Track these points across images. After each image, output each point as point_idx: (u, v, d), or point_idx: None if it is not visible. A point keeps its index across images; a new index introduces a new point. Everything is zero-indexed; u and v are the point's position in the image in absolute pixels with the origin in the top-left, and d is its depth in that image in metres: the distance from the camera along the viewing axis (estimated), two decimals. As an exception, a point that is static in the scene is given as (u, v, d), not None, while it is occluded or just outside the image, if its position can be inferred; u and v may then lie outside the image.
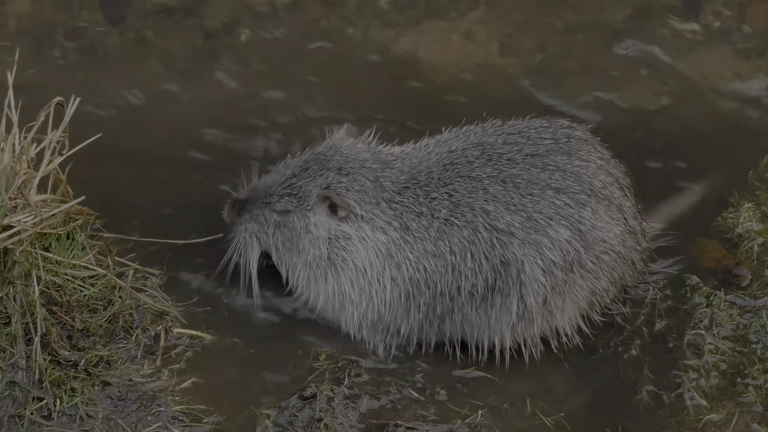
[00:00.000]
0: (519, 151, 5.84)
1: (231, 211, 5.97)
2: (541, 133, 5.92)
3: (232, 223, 5.97)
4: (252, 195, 5.93)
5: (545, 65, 7.07)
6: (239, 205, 5.94)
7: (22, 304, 5.61)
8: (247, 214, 5.92)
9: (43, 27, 7.02)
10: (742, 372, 5.85)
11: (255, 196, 5.92)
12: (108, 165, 6.40)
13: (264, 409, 5.65)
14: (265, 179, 5.97)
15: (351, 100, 6.84)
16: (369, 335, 5.90)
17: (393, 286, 5.82)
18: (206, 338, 5.88)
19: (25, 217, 5.66)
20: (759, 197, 6.43)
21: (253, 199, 5.91)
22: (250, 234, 5.92)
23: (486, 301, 5.78)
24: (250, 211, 5.91)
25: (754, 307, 6.04)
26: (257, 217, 5.91)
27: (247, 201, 5.93)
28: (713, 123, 6.85)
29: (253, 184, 6.00)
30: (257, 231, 5.92)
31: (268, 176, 5.97)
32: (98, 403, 5.59)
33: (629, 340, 5.98)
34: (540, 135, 5.90)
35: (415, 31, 7.18)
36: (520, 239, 5.73)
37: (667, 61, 7.11)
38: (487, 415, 5.71)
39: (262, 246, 5.94)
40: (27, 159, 5.75)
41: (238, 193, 6.01)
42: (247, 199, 5.93)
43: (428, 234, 5.79)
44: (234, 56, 7.01)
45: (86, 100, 5.97)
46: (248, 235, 5.93)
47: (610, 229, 5.84)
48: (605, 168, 5.91)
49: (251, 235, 5.93)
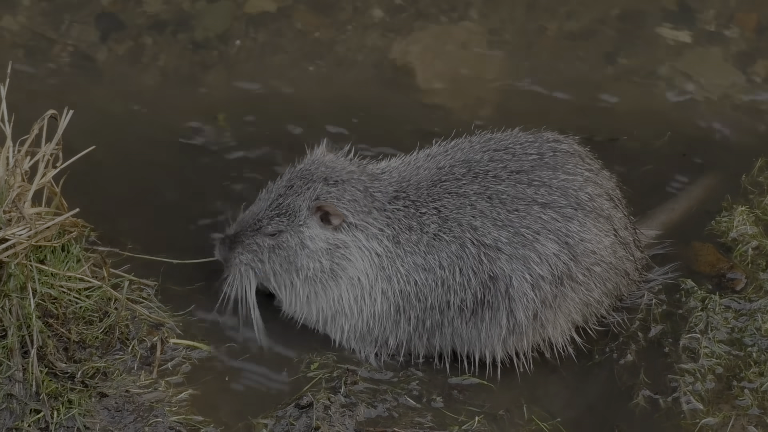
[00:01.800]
0: (504, 168, 5.82)
1: (222, 249, 5.91)
2: (526, 148, 5.89)
3: (225, 260, 5.91)
4: (241, 227, 5.86)
5: (540, 72, 7.08)
6: (230, 240, 5.89)
7: (18, 317, 5.61)
8: (239, 246, 5.85)
9: (36, 40, 7.03)
10: (738, 375, 5.85)
11: (244, 227, 5.85)
12: (102, 177, 6.40)
13: (261, 419, 5.65)
14: (250, 209, 5.90)
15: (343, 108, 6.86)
16: (358, 345, 5.89)
17: (383, 299, 5.81)
18: (202, 349, 5.88)
19: (19, 230, 5.67)
20: (752, 201, 6.43)
21: (242, 230, 5.85)
22: (245, 266, 5.86)
23: (476, 316, 5.77)
24: (242, 242, 5.85)
25: (749, 310, 6.04)
26: (250, 246, 5.85)
27: (237, 234, 5.86)
28: (706, 128, 6.86)
29: (240, 217, 5.94)
30: (251, 261, 5.85)
31: (253, 206, 5.90)
32: (95, 415, 5.58)
33: (625, 345, 5.97)
34: (525, 150, 5.88)
35: (408, 38, 7.19)
36: (507, 254, 5.73)
37: (659, 67, 7.12)
38: (483, 421, 5.71)
39: (258, 276, 5.88)
40: (21, 172, 5.76)
41: (227, 230, 5.96)
42: (237, 232, 5.87)
43: (418, 248, 5.78)
44: (227, 67, 7.01)
45: (80, 112, 5.96)
46: (243, 268, 5.86)
47: (599, 241, 5.82)
48: (593, 180, 5.89)
49: (246, 267, 5.86)
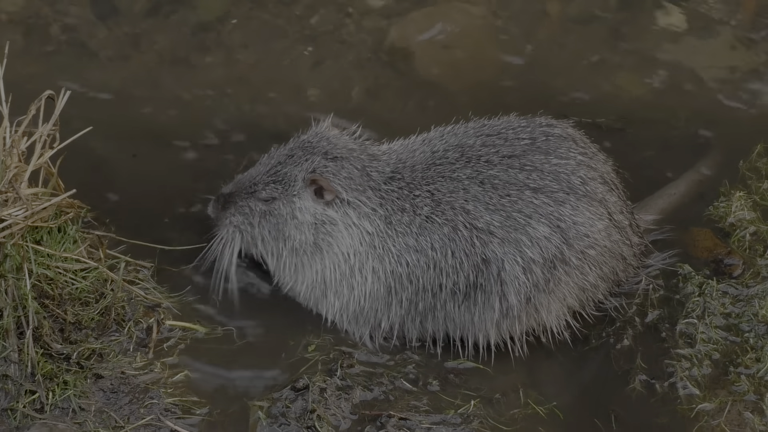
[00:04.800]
0: (496, 153, 5.83)
1: (216, 206, 5.94)
2: (518, 133, 5.90)
3: (217, 218, 5.94)
4: (236, 188, 5.90)
5: (536, 54, 7.07)
6: (224, 199, 5.91)
7: (14, 298, 5.60)
8: (232, 207, 5.89)
9: (33, 20, 7.02)
10: (735, 361, 5.85)
11: (240, 188, 5.88)
12: (99, 158, 6.39)
13: (257, 401, 5.65)
14: (249, 171, 5.94)
15: (343, 91, 6.84)
16: (351, 327, 5.90)
17: (374, 278, 5.81)
18: (199, 330, 5.87)
19: (16, 211, 5.66)
20: (750, 186, 6.43)
21: (237, 191, 5.88)
22: (234, 227, 5.89)
23: (468, 299, 5.77)
24: (235, 203, 5.88)
25: (747, 296, 6.03)
26: (242, 208, 5.87)
27: (232, 194, 5.89)
28: (703, 112, 6.85)
29: (238, 177, 5.97)
30: (242, 223, 5.88)
31: (252, 168, 5.94)
32: (91, 396, 5.58)
33: (622, 330, 5.97)
34: (517, 135, 5.89)
35: (407, 20, 7.17)
36: (499, 238, 5.73)
37: (656, 51, 7.11)
38: (479, 405, 5.70)
39: (245, 240, 5.89)
40: (18, 152, 5.75)
41: (223, 188, 5.98)
42: (232, 192, 5.90)
43: (410, 230, 5.79)
44: (226, 49, 7.00)
45: (77, 93, 5.95)
46: (232, 229, 5.89)
47: (592, 224, 5.82)
48: (587, 163, 5.88)
49: (235, 229, 5.89)
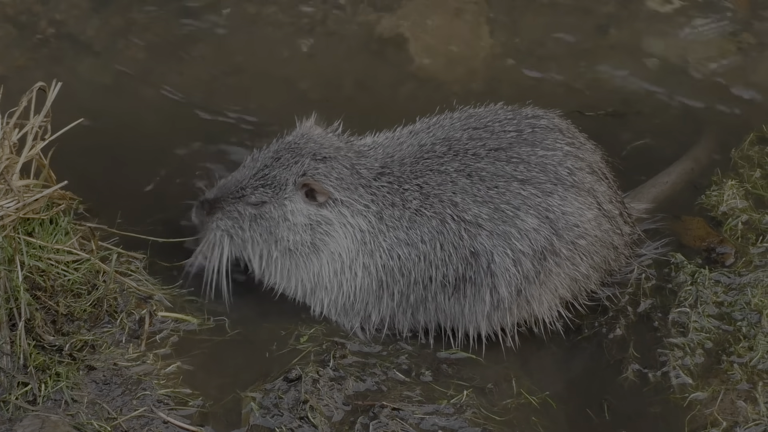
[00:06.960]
0: (483, 146, 5.82)
1: (200, 212, 5.88)
2: (505, 125, 5.89)
3: (202, 224, 5.89)
4: (222, 192, 5.84)
5: (531, 46, 7.07)
6: (209, 204, 5.85)
7: (6, 290, 5.59)
8: (218, 212, 5.83)
9: (25, 12, 7.01)
10: (728, 350, 5.85)
11: (226, 193, 5.82)
12: (91, 149, 6.39)
13: (249, 392, 5.64)
14: (233, 175, 5.87)
15: (335, 82, 6.84)
16: (341, 318, 5.90)
17: (365, 274, 5.81)
18: (191, 321, 5.87)
19: (7, 203, 5.67)
20: (742, 175, 6.43)
21: (224, 196, 5.82)
22: (222, 231, 5.84)
23: (458, 291, 5.78)
24: (222, 208, 5.82)
25: (739, 284, 6.03)
26: (230, 213, 5.82)
27: (218, 199, 5.83)
28: (696, 102, 6.85)
29: (221, 182, 5.91)
30: (230, 227, 5.83)
31: (236, 172, 5.88)
32: (83, 388, 5.58)
33: (614, 319, 5.98)
34: (504, 128, 5.88)
35: (401, 10, 7.17)
36: (488, 230, 5.73)
37: (648, 39, 7.11)
38: (472, 395, 5.70)
39: (234, 243, 5.85)
40: (9, 144, 5.75)
41: (206, 193, 5.93)
42: (217, 197, 5.84)
43: (400, 224, 5.79)
44: (217, 39, 6.99)
45: (68, 85, 5.94)
46: (220, 234, 5.84)
47: (582, 214, 5.82)
48: (574, 153, 5.88)
49: (223, 234, 5.85)
